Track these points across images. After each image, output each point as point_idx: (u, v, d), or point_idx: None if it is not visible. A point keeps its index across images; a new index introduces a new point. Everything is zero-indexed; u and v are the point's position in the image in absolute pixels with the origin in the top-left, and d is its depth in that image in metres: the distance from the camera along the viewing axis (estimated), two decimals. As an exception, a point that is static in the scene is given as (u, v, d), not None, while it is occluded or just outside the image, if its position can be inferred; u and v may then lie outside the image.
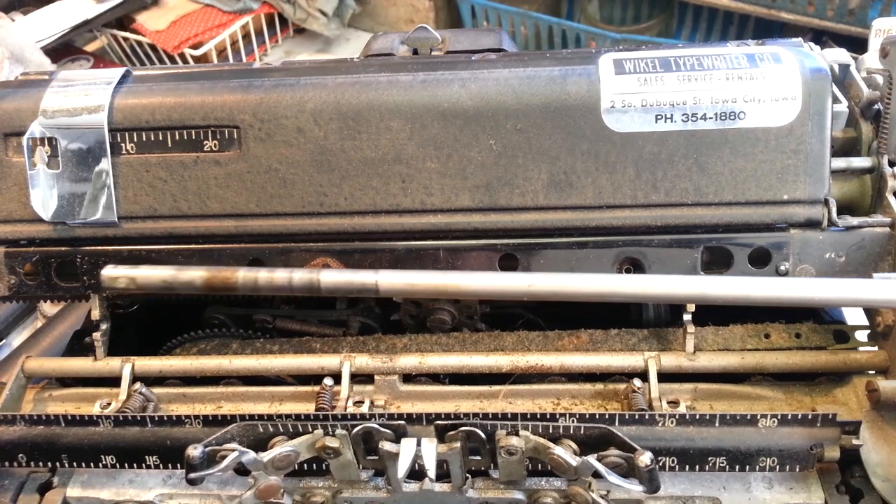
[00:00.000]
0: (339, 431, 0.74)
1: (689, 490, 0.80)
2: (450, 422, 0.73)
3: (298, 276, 0.78)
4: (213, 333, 1.01)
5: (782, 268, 0.84)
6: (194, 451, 0.72)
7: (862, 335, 0.88)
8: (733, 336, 0.90)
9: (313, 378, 0.90)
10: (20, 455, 0.84)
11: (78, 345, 0.99)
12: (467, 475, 0.78)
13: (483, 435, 0.72)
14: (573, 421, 0.73)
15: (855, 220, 0.83)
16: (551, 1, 3.36)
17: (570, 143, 0.84)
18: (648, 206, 0.84)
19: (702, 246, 0.85)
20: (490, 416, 0.74)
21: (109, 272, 0.76)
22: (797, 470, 0.76)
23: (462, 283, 0.75)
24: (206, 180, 0.88)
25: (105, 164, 0.88)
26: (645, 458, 0.68)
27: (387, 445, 0.73)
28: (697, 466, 0.76)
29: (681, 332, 0.88)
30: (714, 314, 0.90)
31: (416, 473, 0.75)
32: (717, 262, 0.86)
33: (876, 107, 0.88)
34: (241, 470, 0.75)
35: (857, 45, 0.98)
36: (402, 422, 0.75)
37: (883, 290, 0.71)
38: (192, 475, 0.72)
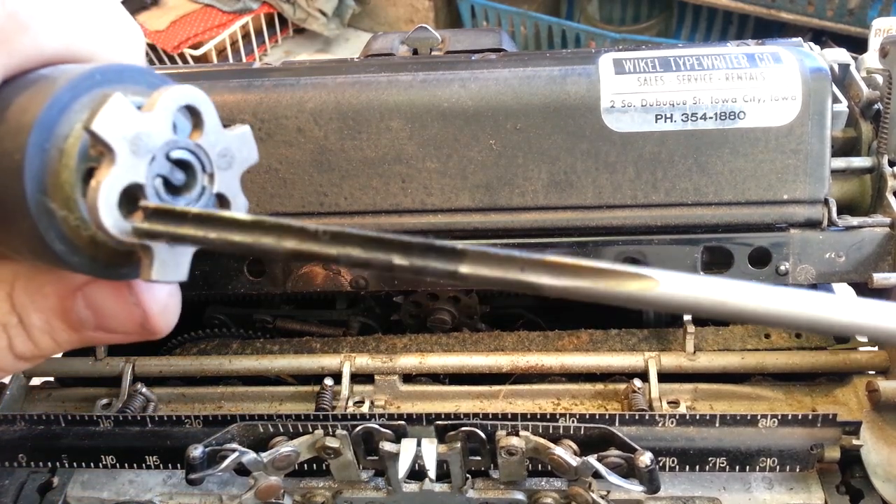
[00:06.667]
0: (339, 431, 0.74)
1: (689, 490, 0.80)
2: (450, 422, 0.73)
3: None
4: (213, 333, 1.01)
5: (782, 268, 0.84)
6: (194, 451, 0.72)
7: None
8: (733, 336, 0.90)
9: (313, 378, 0.90)
10: (20, 455, 0.83)
11: (78, 345, 0.99)
12: (467, 475, 0.78)
13: (483, 435, 0.72)
14: (573, 421, 0.73)
15: (855, 220, 0.83)
16: (551, 1, 3.36)
17: (570, 143, 0.84)
18: (648, 206, 0.84)
19: (702, 246, 0.85)
20: (490, 416, 0.74)
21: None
22: (797, 470, 0.76)
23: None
24: None
25: (105, 164, 0.88)
26: (645, 459, 0.68)
27: (387, 446, 0.73)
28: (697, 467, 0.76)
29: (681, 332, 0.88)
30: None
31: (417, 474, 0.75)
32: (717, 262, 0.86)
33: (876, 107, 0.88)
34: (242, 470, 0.74)
35: (857, 44, 0.98)
36: (403, 422, 0.75)
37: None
38: (193, 475, 0.72)
